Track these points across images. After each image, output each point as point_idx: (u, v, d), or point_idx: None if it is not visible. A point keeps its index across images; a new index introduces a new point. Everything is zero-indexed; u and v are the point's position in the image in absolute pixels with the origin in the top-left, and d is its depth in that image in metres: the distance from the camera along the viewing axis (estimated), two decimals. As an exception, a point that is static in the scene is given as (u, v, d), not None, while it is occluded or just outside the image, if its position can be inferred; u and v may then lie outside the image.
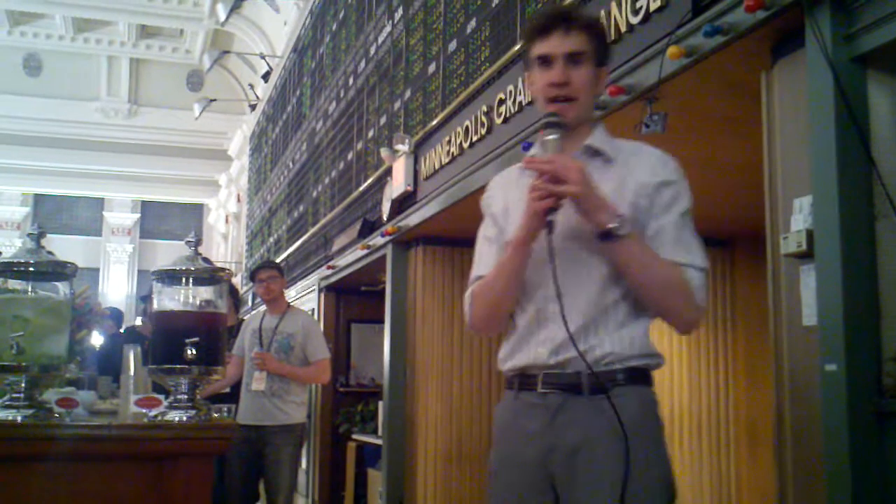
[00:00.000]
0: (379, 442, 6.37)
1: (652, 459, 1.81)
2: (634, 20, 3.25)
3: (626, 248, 1.78)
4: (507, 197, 1.99)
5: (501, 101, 4.28)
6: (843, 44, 2.50)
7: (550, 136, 1.83)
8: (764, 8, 2.63)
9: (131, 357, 2.86)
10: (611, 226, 1.75)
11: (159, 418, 2.25)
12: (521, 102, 4.08)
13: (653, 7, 3.14)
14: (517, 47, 4.10)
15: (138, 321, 7.80)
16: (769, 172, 2.86)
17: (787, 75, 2.76)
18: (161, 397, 2.36)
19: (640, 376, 1.86)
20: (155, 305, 2.42)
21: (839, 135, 2.46)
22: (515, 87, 4.13)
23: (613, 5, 3.37)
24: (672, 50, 2.96)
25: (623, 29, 3.31)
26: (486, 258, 2.00)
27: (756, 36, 2.76)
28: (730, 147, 3.97)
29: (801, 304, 2.63)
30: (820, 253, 2.51)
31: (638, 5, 3.23)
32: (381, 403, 6.42)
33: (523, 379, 1.91)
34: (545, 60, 1.89)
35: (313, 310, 8.23)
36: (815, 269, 2.54)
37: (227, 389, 5.28)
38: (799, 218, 2.64)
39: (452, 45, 5.04)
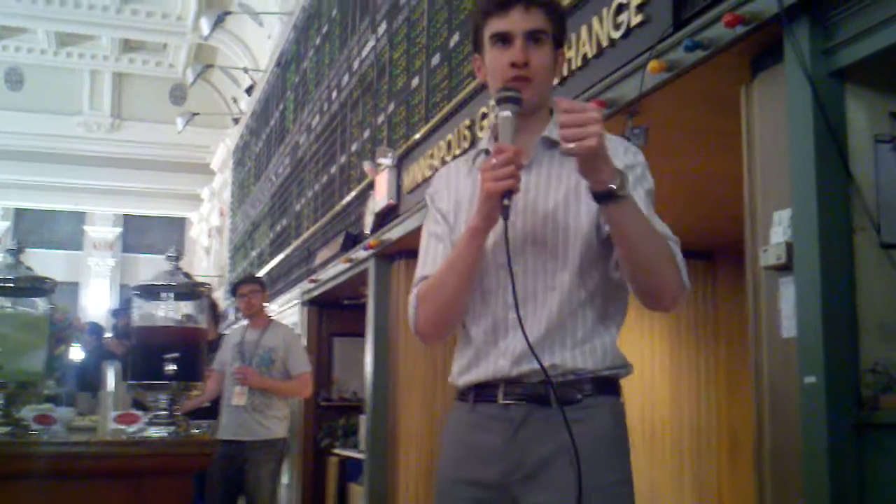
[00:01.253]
0: (361, 456, 6.34)
1: (625, 476, 1.72)
2: (616, 34, 3.27)
3: (625, 210, 1.59)
4: (457, 192, 1.84)
5: (484, 115, 4.29)
6: (822, 58, 2.52)
7: (504, 114, 1.66)
8: (743, 23, 2.65)
9: (110, 373, 2.84)
10: (613, 185, 1.56)
11: (138, 435, 2.23)
12: (503, 116, 4.08)
13: (634, 22, 3.16)
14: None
15: (107, 335, 7.71)
16: (749, 185, 2.87)
17: (767, 89, 2.78)
18: (140, 413, 2.34)
19: (610, 386, 1.75)
20: (135, 320, 2.41)
21: (818, 148, 2.48)
22: (497, 101, 4.13)
23: (594, 20, 3.39)
24: (653, 64, 2.98)
25: (604, 43, 3.33)
26: (433, 257, 1.83)
27: (736, 50, 2.79)
28: (710, 160, 3.99)
29: (781, 317, 2.64)
30: (799, 265, 2.53)
31: (619, 20, 3.25)
32: (362, 418, 6.40)
33: (480, 389, 1.77)
34: (503, 38, 1.74)
35: (295, 323, 8.19)
36: (795, 282, 2.55)
37: (208, 404, 5.25)
38: (778, 230, 2.65)
39: (436, 59, 5.05)
